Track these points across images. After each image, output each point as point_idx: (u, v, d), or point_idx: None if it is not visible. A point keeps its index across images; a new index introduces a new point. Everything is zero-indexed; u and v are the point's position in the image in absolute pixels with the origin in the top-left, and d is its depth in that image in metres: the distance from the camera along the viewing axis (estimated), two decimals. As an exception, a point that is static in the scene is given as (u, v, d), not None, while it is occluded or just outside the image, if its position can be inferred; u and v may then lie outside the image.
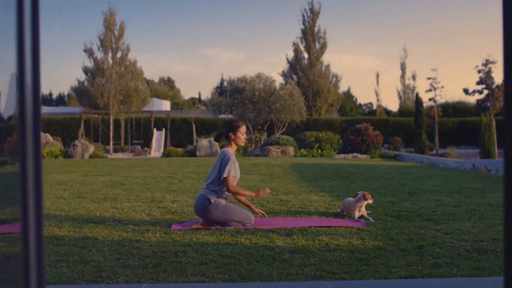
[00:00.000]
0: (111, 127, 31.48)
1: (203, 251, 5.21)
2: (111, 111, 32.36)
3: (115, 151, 31.89)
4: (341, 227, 6.45)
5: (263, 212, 7.05)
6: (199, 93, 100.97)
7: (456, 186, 10.93)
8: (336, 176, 13.50)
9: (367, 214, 7.30)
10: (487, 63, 28.46)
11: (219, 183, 6.60)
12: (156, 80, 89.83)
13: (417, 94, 30.27)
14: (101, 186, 11.36)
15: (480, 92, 29.16)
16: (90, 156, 24.47)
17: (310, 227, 6.45)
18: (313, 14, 47.46)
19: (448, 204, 8.29)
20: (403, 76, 58.53)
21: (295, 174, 14.47)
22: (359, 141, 26.22)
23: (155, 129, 31.73)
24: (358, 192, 7.29)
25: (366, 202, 7.15)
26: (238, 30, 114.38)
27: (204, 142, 25.26)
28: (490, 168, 15.61)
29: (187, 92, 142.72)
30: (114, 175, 14.13)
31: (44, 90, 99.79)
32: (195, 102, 43.09)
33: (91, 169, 16.56)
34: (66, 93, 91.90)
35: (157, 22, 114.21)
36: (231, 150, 6.72)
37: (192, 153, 25.65)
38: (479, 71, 28.65)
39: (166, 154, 26.05)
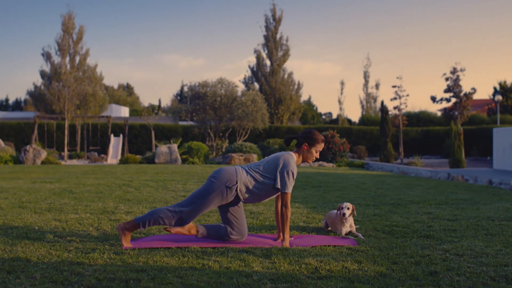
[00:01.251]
0: (66, 132, 29.99)
1: (161, 279, 4.08)
2: (66, 115, 30.89)
3: (71, 157, 30.44)
4: (329, 246, 5.39)
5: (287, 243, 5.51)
6: (159, 100, 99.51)
7: (442, 197, 9.98)
8: (306, 186, 12.48)
9: (356, 229, 6.26)
10: (455, 70, 27.85)
11: (263, 176, 5.50)
12: (116, 86, 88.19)
13: (382, 102, 29.40)
14: (48, 194, 10.13)
15: (448, 100, 28.52)
16: (43, 162, 23.07)
17: (292, 246, 5.38)
18: (275, 21, 46.60)
19: (443, 217, 7.30)
20: (366, 84, 57.99)
21: (262, 182, 13.39)
22: (325, 149, 25.28)
23: (112, 135, 30.36)
24: (342, 204, 6.21)
25: (350, 213, 6.10)
26: (197, 36, 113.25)
27: (163, 148, 24.02)
28: (467, 177, 14.75)
29: (147, 99, 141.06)
30: (64, 182, 12.88)
31: (0, 95, 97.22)
32: (154, 108, 41.87)
33: (41, 176, 15.27)
34: (23, 99, 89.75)
35: (116, 28, 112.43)
36: (296, 159, 5.63)
37: (151, 160, 24.41)
38: (446, 79, 28.02)
39: (123, 161, 24.77)
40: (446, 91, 28.11)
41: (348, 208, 6.07)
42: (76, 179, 14.06)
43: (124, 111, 61.96)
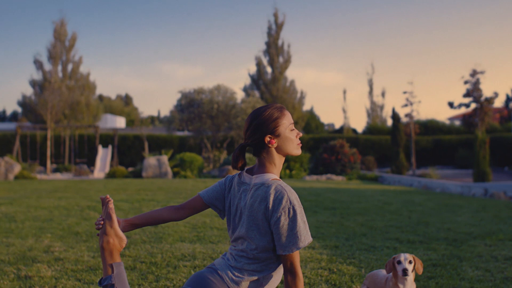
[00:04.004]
0: (48, 143, 27.48)
1: None
2: (48, 124, 28.35)
3: (57, 170, 27.88)
4: None
5: None
6: (159, 111, 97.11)
7: (507, 227, 7.35)
8: (317, 207, 9.88)
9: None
10: (474, 73, 25.28)
11: (264, 254, 2.74)
12: (113, 96, 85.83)
13: (393, 109, 26.87)
14: (-22, 224, 7.56)
15: (467, 106, 25.95)
16: (16, 177, 20.48)
17: None
18: (277, 26, 44.24)
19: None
20: (371, 92, 55.45)
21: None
22: (333, 160, 22.71)
23: (100, 146, 27.82)
24: (399, 256, 3.58)
25: (412, 269, 3.50)
26: (195, 44, 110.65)
27: (151, 160, 21.38)
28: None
29: (146, 110, 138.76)
30: (16, 204, 10.32)
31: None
32: (153, 119, 39.49)
33: (0, 195, 12.74)
34: (21, 110, 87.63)
35: (112, 36, 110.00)
36: (277, 174, 2.86)
37: (138, 174, 21.81)
38: (465, 82, 25.46)
39: (110, 175, 22.24)
40: (465, 95, 25.49)
41: (410, 262, 3.48)
42: (35, 199, 11.48)
43: (120, 121, 59.54)
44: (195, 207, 2.99)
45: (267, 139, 2.74)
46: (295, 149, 2.81)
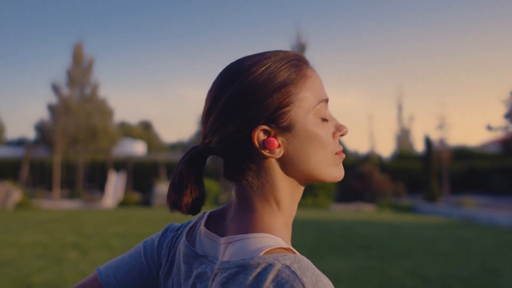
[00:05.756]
0: (57, 169, 26.06)
1: None
2: (57, 149, 26.96)
3: (70, 197, 26.41)
4: None
5: None
6: (182, 139, 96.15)
7: None
8: (349, 245, 8.05)
9: None
10: (514, 93, 23.49)
11: None
12: (136, 122, 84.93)
13: (425, 135, 25.21)
14: None
15: (506, 128, 24.13)
16: (18, 205, 18.78)
17: None
18: (301, 48, 42.86)
19: None
20: (400, 116, 53.67)
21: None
22: (362, 188, 20.91)
23: (113, 173, 26.29)
24: None
25: None
26: (216, 68, 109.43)
27: (162, 188, 19.72)
28: None
29: (170, 136, 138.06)
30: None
31: (23, 133, 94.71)
32: (173, 145, 38.45)
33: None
34: (36, 135, 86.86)
35: (134, 61, 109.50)
36: (283, 231, 0.88)
37: (148, 202, 20.14)
38: (504, 103, 23.64)
39: (122, 202, 20.73)
40: (506, 116, 23.68)
41: None
42: (16, 233, 9.86)
43: (139, 147, 58.22)
44: None
45: (259, 135, 0.85)
46: (331, 167, 0.90)
